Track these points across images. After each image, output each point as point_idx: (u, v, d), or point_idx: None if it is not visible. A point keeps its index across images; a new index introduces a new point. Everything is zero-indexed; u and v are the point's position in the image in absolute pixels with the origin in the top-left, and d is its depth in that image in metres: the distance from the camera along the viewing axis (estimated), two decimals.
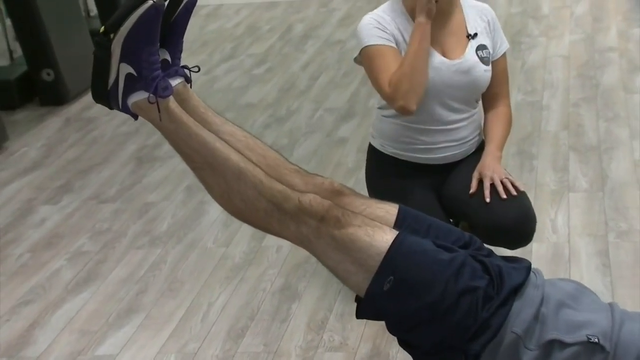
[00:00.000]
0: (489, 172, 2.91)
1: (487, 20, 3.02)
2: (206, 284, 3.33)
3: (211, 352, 2.92)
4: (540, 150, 4.15)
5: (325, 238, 2.10)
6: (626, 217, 3.50)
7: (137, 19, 2.08)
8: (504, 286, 2.10)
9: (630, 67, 5.08)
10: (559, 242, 3.36)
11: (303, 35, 6.37)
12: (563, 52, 5.46)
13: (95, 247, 3.70)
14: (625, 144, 4.13)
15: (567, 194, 3.73)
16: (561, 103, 4.69)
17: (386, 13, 2.96)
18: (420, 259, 2.09)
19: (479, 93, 3.02)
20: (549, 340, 2.05)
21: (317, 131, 4.67)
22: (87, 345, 3.03)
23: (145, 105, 2.13)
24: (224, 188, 2.17)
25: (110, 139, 4.86)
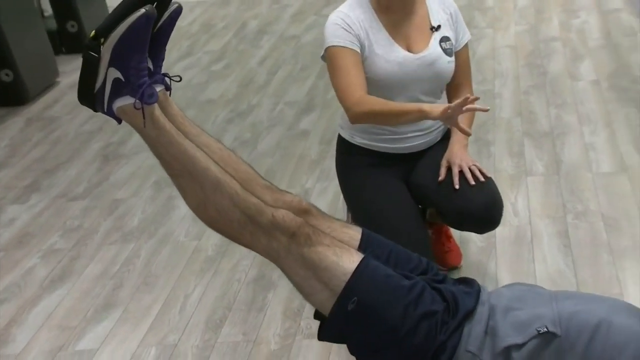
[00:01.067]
0: (457, 159, 2.91)
1: (450, 12, 3.01)
2: (181, 277, 3.31)
3: (191, 343, 2.90)
4: (496, 137, 4.18)
5: (295, 254, 2.13)
6: (581, 199, 3.54)
7: (129, 26, 2.08)
8: (458, 310, 2.16)
9: (574, 56, 5.13)
10: (521, 225, 3.39)
11: (258, 31, 6.35)
12: (510, 42, 5.50)
13: (67, 244, 3.66)
14: (575, 129, 4.17)
15: (525, 178, 3.76)
16: (512, 91, 4.73)
17: (352, 10, 2.92)
18: (383, 283, 2.14)
19: (443, 84, 3.02)
20: (503, 348, 2.10)
21: (278, 124, 4.65)
22: (67, 341, 3.00)
23: (130, 110, 2.14)
24: (201, 197, 2.18)
25: (74, 138, 4.79)
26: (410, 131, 2.98)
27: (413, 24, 2.95)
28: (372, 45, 2.89)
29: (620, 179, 3.66)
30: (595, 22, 5.65)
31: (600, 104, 4.41)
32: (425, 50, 2.93)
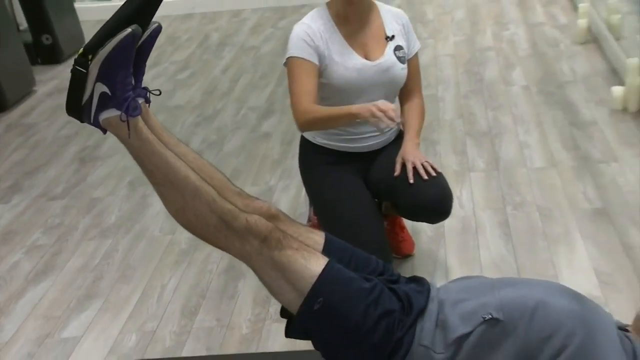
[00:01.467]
0: (410, 157, 2.91)
1: (402, 23, 3.02)
2: (157, 268, 3.28)
3: (169, 329, 2.88)
4: (441, 137, 4.19)
5: (266, 257, 2.12)
6: (519, 192, 3.56)
7: (116, 44, 2.08)
8: (412, 309, 2.17)
9: (506, 63, 5.16)
10: (466, 216, 3.40)
11: (219, 43, 6.30)
12: (449, 51, 5.51)
13: (49, 240, 3.60)
14: (511, 129, 4.20)
15: (468, 174, 3.77)
16: (453, 95, 4.74)
17: (314, 21, 2.92)
18: (346, 285, 2.15)
19: (397, 89, 3.03)
20: (454, 339, 2.11)
21: (242, 128, 4.62)
22: (53, 329, 2.96)
23: (116, 122, 2.13)
24: (181, 203, 2.17)
25: (52, 142, 4.71)
26: (367, 132, 2.99)
27: (369, 34, 2.95)
28: (332, 54, 2.89)
29: (551, 173, 3.69)
30: (523, 34, 5.69)
31: (531, 106, 4.44)
32: (381, 57, 2.93)
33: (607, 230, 3.18)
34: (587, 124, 4.13)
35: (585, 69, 4.87)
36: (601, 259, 2.99)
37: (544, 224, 3.28)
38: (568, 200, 3.44)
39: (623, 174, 3.59)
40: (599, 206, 3.36)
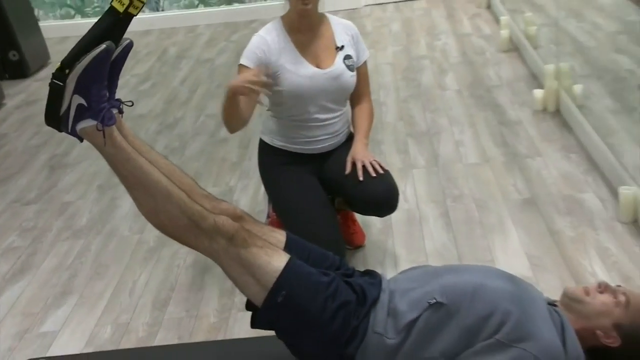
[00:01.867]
0: (359, 156, 2.92)
1: (351, 34, 3.01)
2: (128, 265, 3.23)
3: (142, 321, 2.84)
4: (385, 138, 4.19)
5: (232, 254, 2.13)
6: (456, 185, 3.58)
7: (92, 60, 2.08)
8: (366, 300, 2.19)
9: (440, 70, 5.18)
10: (411, 209, 3.41)
11: (177, 56, 6.23)
12: (388, 60, 5.52)
13: (24, 242, 3.53)
14: (447, 129, 4.22)
15: (410, 171, 3.78)
16: (394, 100, 4.75)
17: (269, 33, 2.92)
18: (307, 279, 2.16)
19: (347, 94, 3.02)
20: (403, 325, 2.14)
21: (201, 134, 4.57)
22: (31, 325, 2.90)
23: (92, 131, 2.13)
24: (153, 206, 2.17)
25: (23, 151, 4.60)
26: (321, 135, 2.99)
27: (321, 44, 2.95)
28: (285, 63, 2.88)
29: (485, 168, 3.71)
30: (453, 44, 5.72)
31: (464, 108, 4.47)
32: (332, 66, 2.93)
33: (535, 218, 3.22)
34: (514, 123, 4.17)
35: (509, 74, 4.92)
36: (531, 244, 3.03)
37: (480, 214, 3.30)
38: (500, 192, 3.47)
39: (547, 167, 3.63)
40: (528, 196, 3.39)
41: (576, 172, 3.55)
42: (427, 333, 2.13)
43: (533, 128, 4.08)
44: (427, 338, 2.12)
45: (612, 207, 3.19)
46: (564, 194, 3.37)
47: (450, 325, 2.12)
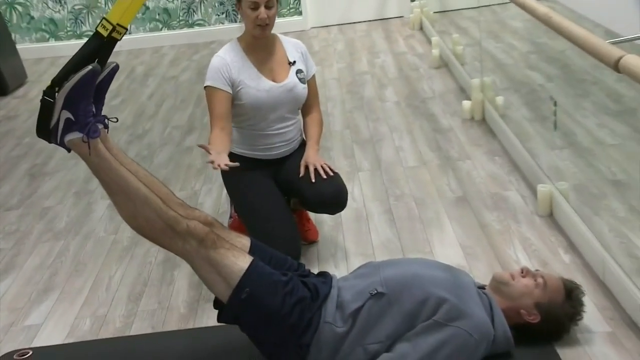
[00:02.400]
0: (312, 160, 2.91)
1: (301, 51, 3.00)
2: (104, 263, 3.16)
3: (118, 313, 2.79)
4: (333, 145, 4.18)
5: (202, 255, 2.15)
6: (398, 186, 3.58)
7: (79, 79, 2.09)
8: (319, 296, 2.22)
9: (380, 84, 5.19)
10: (358, 207, 3.40)
11: (144, 74, 6.13)
12: (334, 76, 5.52)
13: (8, 244, 3.43)
14: (388, 136, 4.22)
15: (357, 174, 3.77)
16: (340, 111, 4.74)
17: (227, 53, 2.89)
18: (268, 279, 2.18)
19: (300, 104, 3.01)
20: (349, 314, 2.18)
21: (168, 143, 4.50)
22: (17, 319, 2.82)
23: (78, 142, 2.14)
24: (132, 210, 2.18)
25: (5, 162, 4.47)
26: (277, 142, 2.97)
27: (275, 60, 2.93)
28: (244, 79, 2.86)
29: (422, 171, 3.71)
30: (391, 61, 5.73)
31: (402, 118, 4.48)
32: (286, 80, 2.91)
33: (467, 213, 3.23)
34: (446, 131, 4.19)
35: (440, 88, 4.95)
36: (464, 236, 3.04)
37: (419, 210, 3.30)
38: (436, 191, 3.48)
39: (475, 169, 3.65)
40: (460, 195, 3.41)
41: (501, 172, 3.58)
42: (371, 320, 2.15)
43: (463, 134, 4.11)
44: (372, 324, 2.15)
45: (531, 203, 3.22)
46: (491, 191, 3.40)
47: (392, 311, 2.15)
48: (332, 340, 2.15)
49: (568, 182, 3.08)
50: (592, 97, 3.60)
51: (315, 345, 2.15)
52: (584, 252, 2.75)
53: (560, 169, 3.23)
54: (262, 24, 2.78)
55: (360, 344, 2.14)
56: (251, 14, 2.78)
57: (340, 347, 2.14)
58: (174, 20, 7.02)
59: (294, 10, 7.01)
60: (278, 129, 2.94)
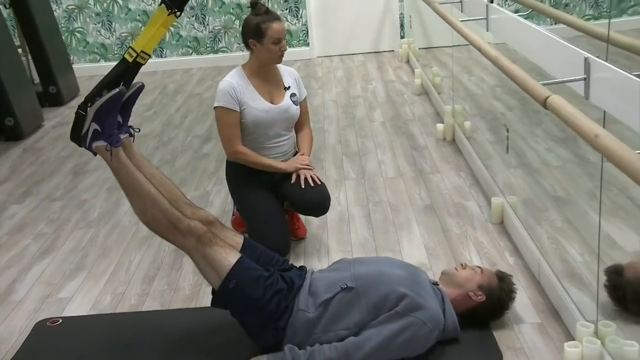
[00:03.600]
0: (302, 170, 2.91)
1: (294, 78, 3.03)
2: (126, 249, 3.18)
3: (134, 292, 2.81)
4: (326, 156, 4.19)
5: (199, 250, 2.16)
6: (377, 193, 3.59)
7: (108, 98, 2.14)
8: (294, 287, 2.23)
9: (370, 107, 5.20)
10: (342, 210, 3.41)
11: (174, 91, 6.16)
12: (332, 98, 5.53)
13: (50, 229, 3.46)
14: (373, 151, 4.23)
15: (344, 182, 3.78)
16: (335, 128, 4.75)
17: (234, 78, 2.91)
18: (252, 272, 2.19)
19: (293, 123, 3.03)
20: (320, 302, 2.19)
21: (188, 150, 4.52)
22: (52, 292, 2.85)
23: (103, 149, 2.19)
24: (143, 208, 2.21)
25: (54, 161, 4.52)
26: (274, 153, 3.01)
27: (273, 85, 2.96)
28: (247, 100, 2.88)
29: (399, 181, 3.72)
30: (381, 87, 5.74)
31: (386, 136, 4.49)
32: (282, 102, 2.93)
33: (432, 219, 3.24)
34: (422, 148, 4.20)
35: (420, 112, 4.96)
36: (428, 238, 3.05)
37: (393, 215, 3.31)
38: (409, 199, 3.49)
39: (443, 181, 3.66)
40: (428, 203, 3.42)
41: (463, 185, 3.59)
42: (341, 309, 2.17)
43: (435, 152, 4.11)
44: (342, 313, 2.16)
45: (486, 212, 3.23)
46: (454, 201, 3.40)
47: (360, 303, 2.16)
48: (304, 324, 2.17)
49: (517, 196, 3.08)
50: (543, 125, 3.59)
51: (290, 328, 2.16)
52: (525, 256, 2.76)
53: (512, 184, 3.24)
54: (283, 54, 2.83)
55: (332, 330, 2.15)
56: (274, 48, 2.80)
57: (313, 331, 2.16)
58: (202, 47, 7.06)
59: (303, 42, 7.04)
60: (275, 142, 2.96)
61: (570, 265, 2.47)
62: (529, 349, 2.21)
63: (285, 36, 2.83)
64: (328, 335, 2.15)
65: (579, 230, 2.67)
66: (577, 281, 2.36)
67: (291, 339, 2.17)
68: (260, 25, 2.78)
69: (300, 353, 2.14)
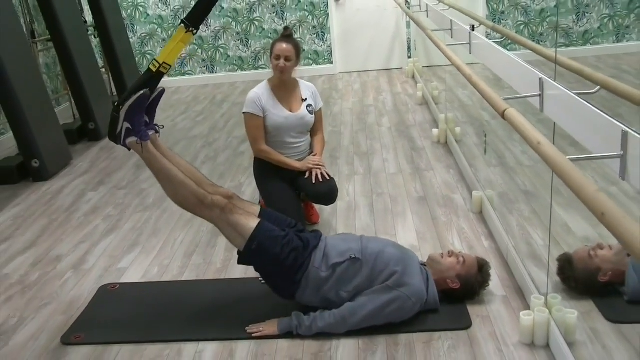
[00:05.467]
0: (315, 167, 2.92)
1: (312, 91, 3.03)
2: (172, 229, 3.22)
3: (176, 264, 2.84)
4: (341, 155, 4.17)
5: (224, 219, 2.16)
6: (380, 187, 3.57)
7: (135, 100, 2.14)
8: (309, 246, 2.21)
9: (379, 114, 5.17)
10: (350, 200, 3.40)
11: (221, 100, 6.20)
12: (349, 107, 5.51)
13: (116, 212, 3.53)
14: (379, 151, 4.20)
15: (353, 176, 3.77)
16: (349, 132, 4.72)
17: (260, 90, 2.93)
18: (270, 233, 2.17)
19: (308, 128, 3.03)
20: (332, 264, 2.17)
21: (228, 149, 4.54)
22: (114, 263, 2.91)
23: (135, 143, 2.19)
24: (173, 190, 2.21)
25: (122, 157, 4.59)
26: (293, 153, 3.01)
27: (292, 96, 2.96)
28: (270, 108, 2.89)
29: (399, 177, 3.70)
30: (390, 98, 5.70)
31: (391, 139, 4.45)
32: (299, 111, 2.94)
33: (424, 208, 3.22)
34: (420, 149, 4.16)
35: (420, 119, 4.91)
36: (420, 225, 3.03)
37: (392, 205, 3.29)
38: (406, 191, 3.46)
39: (435, 177, 3.63)
40: (422, 195, 3.39)
41: (452, 181, 3.55)
42: (346, 275, 2.15)
43: (430, 152, 4.07)
44: (346, 278, 2.15)
45: (469, 203, 3.19)
46: (443, 194, 3.37)
47: (362, 273, 2.15)
48: (316, 281, 2.15)
49: (494, 190, 3.04)
50: None
51: (304, 282, 2.15)
52: (497, 240, 2.73)
53: (491, 180, 3.20)
54: (280, 71, 2.82)
55: (335, 290, 2.15)
56: (274, 62, 2.83)
57: (322, 288, 2.15)
58: (246, 64, 7.09)
59: (328, 61, 7.03)
60: (292, 143, 2.97)
61: (532, 248, 2.44)
62: (494, 317, 2.19)
63: (287, 57, 2.81)
64: (331, 294, 2.15)
65: (542, 219, 2.63)
66: (536, 261, 2.32)
67: (303, 291, 2.16)
68: (273, 43, 2.85)
69: (304, 318, 2.15)
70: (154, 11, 6.94)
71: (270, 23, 6.91)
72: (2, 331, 2.40)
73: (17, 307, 2.56)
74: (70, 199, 3.81)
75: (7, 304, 2.61)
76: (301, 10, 6.84)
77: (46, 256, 3.02)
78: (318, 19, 6.87)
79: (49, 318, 2.46)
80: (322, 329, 2.13)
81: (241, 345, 2.15)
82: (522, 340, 2.01)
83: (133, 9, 6.95)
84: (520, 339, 2.02)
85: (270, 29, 6.92)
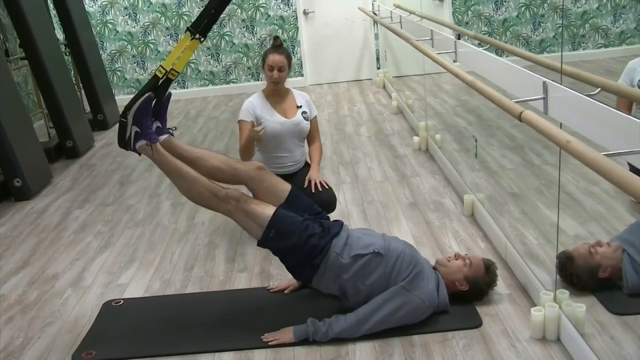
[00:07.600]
0: (313, 177, 2.96)
1: (306, 99, 3.07)
2: (168, 243, 3.17)
3: (177, 278, 2.79)
4: (325, 165, 4.19)
5: (240, 209, 2.13)
6: (370, 194, 3.60)
7: (140, 104, 2.11)
8: (330, 232, 2.18)
9: (357, 124, 5.23)
10: (342, 208, 3.41)
11: (196, 115, 6.13)
12: (326, 117, 5.55)
13: (106, 229, 3.45)
14: (362, 160, 4.25)
15: (341, 185, 3.79)
16: (330, 142, 4.76)
17: (254, 99, 2.97)
18: (288, 220, 2.15)
19: (304, 135, 3.06)
20: (354, 255, 2.14)
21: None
22: (112, 279, 2.84)
23: (145, 147, 2.16)
24: (187, 187, 2.17)
25: (105, 174, 4.49)
26: (288, 161, 3.04)
27: (287, 104, 3.00)
28: (265, 115, 2.92)
29: (386, 184, 3.74)
30: (364, 108, 5.77)
31: (372, 147, 4.51)
32: (294, 117, 2.97)
33: (416, 213, 3.26)
34: (402, 157, 4.23)
35: (398, 127, 4.99)
36: (415, 229, 3.06)
37: (384, 211, 3.33)
38: (396, 198, 3.51)
39: (422, 183, 3.69)
40: (412, 200, 3.44)
41: (439, 186, 3.62)
42: (367, 268, 2.13)
43: (413, 159, 4.14)
44: (367, 271, 2.14)
45: (460, 207, 3.26)
46: (433, 199, 3.43)
47: (382, 267, 2.14)
48: (336, 267, 2.13)
49: (483, 193, 3.12)
50: (496, 137, 3.65)
51: (323, 267, 2.13)
52: (493, 241, 2.80)
53: (478, 184, 3.28)
54: (275, 81, 2.85)
55: (353, 280, 2.14)
56: (268, 73, 2.87)
57: (340, 276, 2.13)
58: (217, 78, 7.05)
59: (298, 73, 7.07)
60: (289, 151, 2.99)
61: (528, 247, 2.52)
62: (502, 315, 2.24)
63: (280, 68, 2.86)
64: (349, 285, 2.13)
65: (532, 219, 2.72)
66: (536, 259, 2.40)
67: (321, 276, 2.14)
68: (265, 54, 2.90)
69: (320, 324, 2.14)
70: (123, 28, 6.83)
71: (241, 37, 6.90)
72: (9, 351, 2.30)
73: (19, 327, 2.47)
74: (57, 217, 3.69)
75: (9, 324, 2.50)
76: (271, 24, 6.87)
77: (42, 275, 2.92)
78: (288, 33, 6.91)
79: (55, 337, 2.38)
80: (338, 334, 2.13)
81: (258, 355, 2.13)
82: (533, 335, 2.07)
83: (102, 26, 6.81)
84: (531, 334, 2.08)
85: (241, 43, 6.91)
